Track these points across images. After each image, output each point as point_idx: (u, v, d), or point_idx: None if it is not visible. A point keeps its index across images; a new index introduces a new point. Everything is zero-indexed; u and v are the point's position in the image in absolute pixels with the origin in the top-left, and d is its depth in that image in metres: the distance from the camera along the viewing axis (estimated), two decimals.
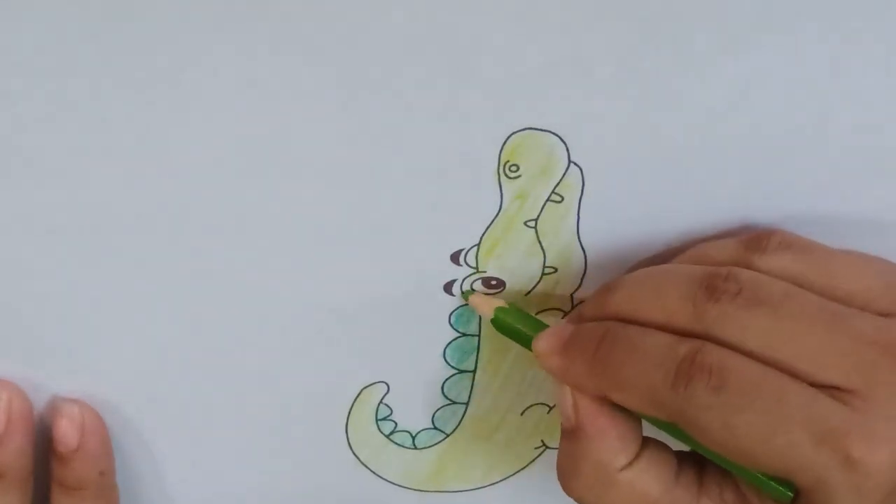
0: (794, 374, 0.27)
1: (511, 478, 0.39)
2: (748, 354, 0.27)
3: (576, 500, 0.30)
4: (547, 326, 0.32)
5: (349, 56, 0.29)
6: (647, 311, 0.29)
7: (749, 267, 0.29)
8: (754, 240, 0.30)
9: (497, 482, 0.39)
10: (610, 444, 0.29)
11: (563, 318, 0.35)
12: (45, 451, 0.34)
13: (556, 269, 0.34)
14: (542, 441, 0.38)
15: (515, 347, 0.36)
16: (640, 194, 0.32)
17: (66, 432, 0.33)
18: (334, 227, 0.32)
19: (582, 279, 0.34)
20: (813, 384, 0.27)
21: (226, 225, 0.31)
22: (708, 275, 0.29)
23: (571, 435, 0.30)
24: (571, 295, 0.35)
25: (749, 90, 0.31)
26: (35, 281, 0.32)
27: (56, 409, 0.34)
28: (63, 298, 0.32)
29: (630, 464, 0.30)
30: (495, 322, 0.33)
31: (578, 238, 0.33)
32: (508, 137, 0.31)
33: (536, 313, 0.35)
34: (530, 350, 0.32)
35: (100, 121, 0.29)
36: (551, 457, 0.38)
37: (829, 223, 0.33)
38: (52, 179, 0.30)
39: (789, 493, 0.27)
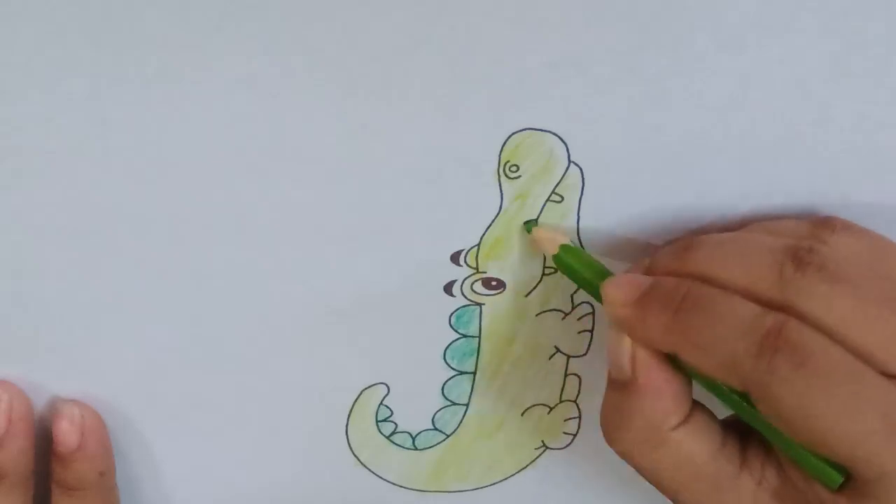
0: (869, 360, 0.27)
1: (511, 478, 0.39)
2: (828, 330, 0.27)
3: (620, 453, 0.30)
4: (611, 273, 0.31)
5: (349, 56, 0.29)
6: (730, 273, 0.28)
7: (823, 244, 0.29)
8: (822, 221, 0.30)
9: (497, 482, 0.39)
10: (665, 402, 0.29)
11: (563, 318, 0.35)
12: (45, 451, 0.34)
13: (556, 270, 0.34)
14: (543, 441, 0.38)
15: (515, 348, 0.36)
16: (640, 194, 0.32)
17: (67, 433, 0.33)
18: (334, 228, 0.32)
19: None
20: (885, 373, 0.27)
21: (226, 225, 0.32)
22: (794, 245, 0.28)
23: (623, 388, 0.30)
24: (571, 295, 0.35)
25: (748, 90, 0.31)
26: (35, 281, 0.32)
27: (56, 409, 0.34)
28: (63, 298, 0.32)
29: (680, 425, 0.29)
30: (557, 260, 0.32)
31: (578, 238, 0.33)
32: (508, 137, 0.31)
33: (537, 314, 0.35)
34: (593, 294, 0.31)
35: (100, 121, 0.29)
36: (551, 457, 0.38)
37: None
38: (52, 179, 0.30)
39: (839, 479, 0.27)
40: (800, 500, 0.28)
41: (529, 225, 0.33)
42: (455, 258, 0.33)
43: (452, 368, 0.36)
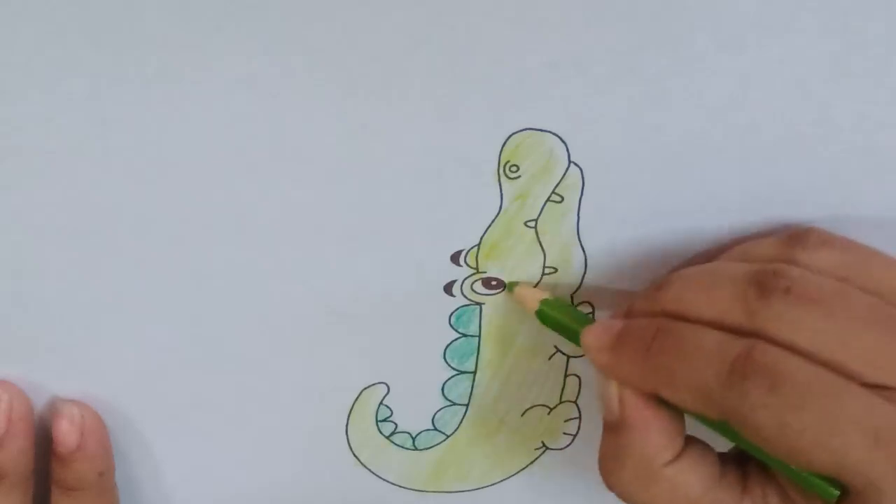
0: (847, 375, 0.27)
1: (511, 478, 0.39)
2: (801, 353, 0.27)
3: (617, 494, 0.30)
4: (591, 320, 0.32)
5: (349, 56, 0.29)
6: (698, 308, 0.29)
7: (793, 263, 0.29)
8: (794, 237, 0.30)
9: (497, 483, 0.39)
10: (655, 438, 0.29)
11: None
12: (45, 451, 0.34)
13: (556, 270, 0.34)
14: (543, 442, 0.38)
15: (515, 348, 0.36)
16: (640, 194, 0.32)
17: (66, 433, 0.33)
18: (334, 228, 0.32)
19: (582, 279, 0.34)
20: (865, 385, 0.27)
21: (226, 225, 0.32)
22: (758, 272, 0.28)
23: (615, 429, 0.30)
24: (571, 295, 0.35)
25: (748, 90, 0.31)
26: (35, 281, 0.32)
27: (56, 409, 0.34)
28: (63, 298, 0.32)
29: (674, 460, 0.29)
30: (539, 315, 0.33)
31: (578, 238, 0.33)
32: (508, 138, 0.31)
33: None
34: (576, 343, 0.32)
35: (100, 121, 0.29)
36: (551, 457, 0.38)
37: (830, 222, 0.33)
38: (52, 179, 0.30)
39: (836, 493, 0.27)
40: None
41: (512, 285, 0.34)
42: (455, 258, 0.33)
43: (452, 368, 0.36)
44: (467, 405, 0.37)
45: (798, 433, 0.26)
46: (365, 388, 0.36)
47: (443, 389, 0.36)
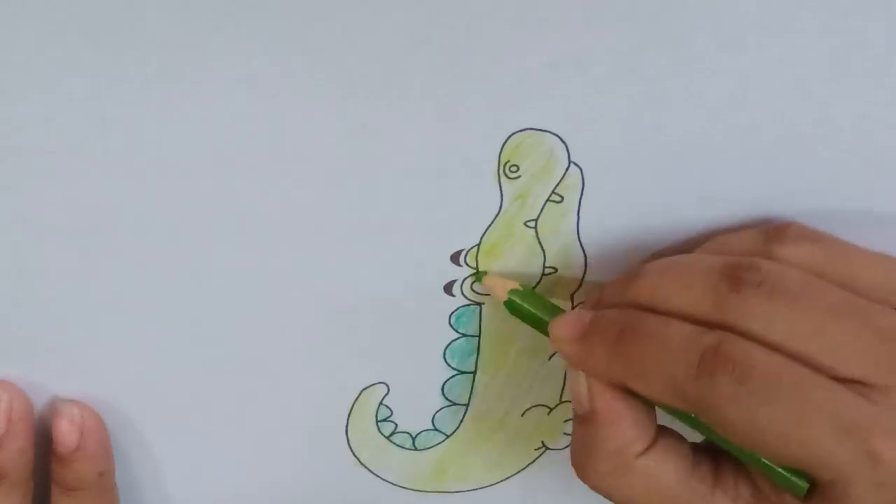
0: (816, 368, 0.27)
1: (511, 478, 0.39)
2: (771, 346, 0.27)
3: (591, 486, 0.30)
4: (562, 311, 0.32)
5: (349, 56, 0.29)
6: (668, 300, 0.29)
7: (769, 257, 0.29)
8: (772, 231, 0.30)
9: (497, 483, 0.39)
10: (626, 430, 0.29)
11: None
12: (45, 451, 0.34)
13: (556, 270, 0.34)
14: (543, 442, 0.38)
15: (516, 348, 0.36)
16: (640, 194, 0.32)
17: (66, 433, 0.33)
18: (334, 228, 0.32)
19: (582, 279, 0.34)
20: (835, 378, 0.27)
21: (226, 225, 0.32)
22: (730, 265, 0.28)
23: (585, 421, 0.30)
24: (571, 295, 0.35)
25: (748, 90, 0.31)
26: (35, 281, 0.32)
27: (56, 409, 0.33)
28: (63, 298, 0.32)
29: (645, 451, 0.29)
30: (508, 305, 0.33)
31: (578, 238, 0.33)
32: (508, 138, 0.31)
33: None
34: (545, 334, 0.31)
35: (100, 121, 0.29)
36: (551, 457, 0.38)
37: (829, 221, 0.33)
38: (52, 179, 0.30)
39: (805, 486, 0.27)
40: None
41: (480, 275, 0.33)
42: (455, 258, 0.33)
43: (452, 368, 0.36)
44: (467, 405, 0.37)
45: (766, 426, 0.26)
46: (365, 389, 0.36)
47: (443, 389, 0.36)
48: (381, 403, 0.36)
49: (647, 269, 0.30)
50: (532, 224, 0.33)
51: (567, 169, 0.32)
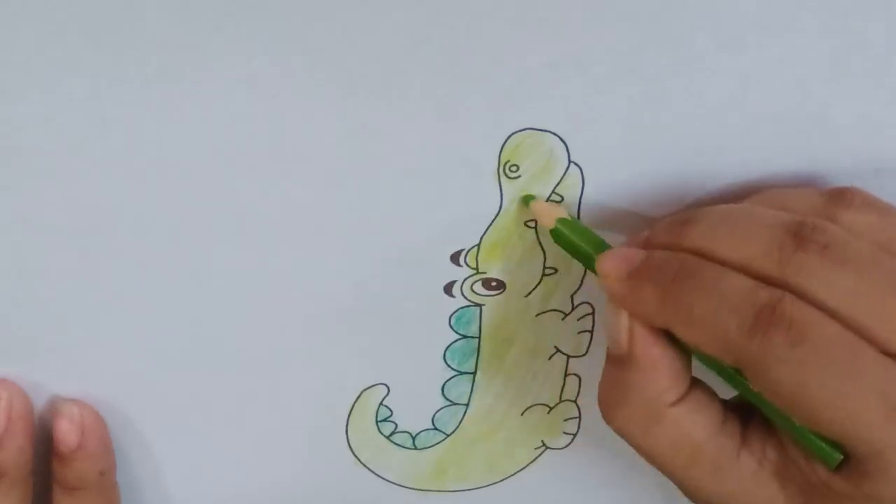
0: (870, 340, 0.26)
1: (511, 478, 0.39)
2: (828, 311, 0.26)
3: (617, 430, 0.30)
4: (609, 247, 0.31)
5: (349, 56, 0.29)
6: (726, 249, 0.28)
7: (833, 221, 0.29)
8: (837, 194, 0.30)
9: (497, 482, 0.39)
10: (661, 378, 0.29)
11: (563, 318, 0.35)
12: (45, 451, 0.34)
13: (556, 270, 0.34)
14: (543, 441, 0.38)
15: (515, 348, 0.36)
16: (640, 194, 0.32)
17: (67, 432, 0.33)
18: (334, 228, 0.32)
19: (582, 279, 0.34)
20: (886, 353, 0.26)
21: (226, 225, 0.32)
22: (796, 222, 0.28)
23: (619, 363, 0.29)
24: (571, 295, 0.35)
25: (748, 90, 0.31)
26: (35, 281, 0.32)
27: (56, 409, 0.34)
28: (63, 298, 0.32)
29: (678, 401, 0.29)
30: (554, 234, 0.32)
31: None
32: (508, 137, 0.31)
33: (537, 315, 0.35)
34: (589, 268, 0.31)
35: (100, 121, 0.29)
36: (551, 457, 0.38)
37: None
38: (52, 179, 0.30)
39: (838, 457, 0.27)
40: (801, 479, 0.28)
41: (528, 198, 0.32)
42: (455, 258, 0.33)
43: (452, 369, 0.36)
44: (467, 405, 0.37)
45: (813, 392, 0.26)
46: (365, 389, 0.36)
47: (443, 389, 0.36)
48: (381, 404, 0.36)
49: (702, 215, 0.29)
50: (532, 224, 0.33)
51: (567, 169, 0.32)
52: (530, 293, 0.34)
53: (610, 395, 0.30)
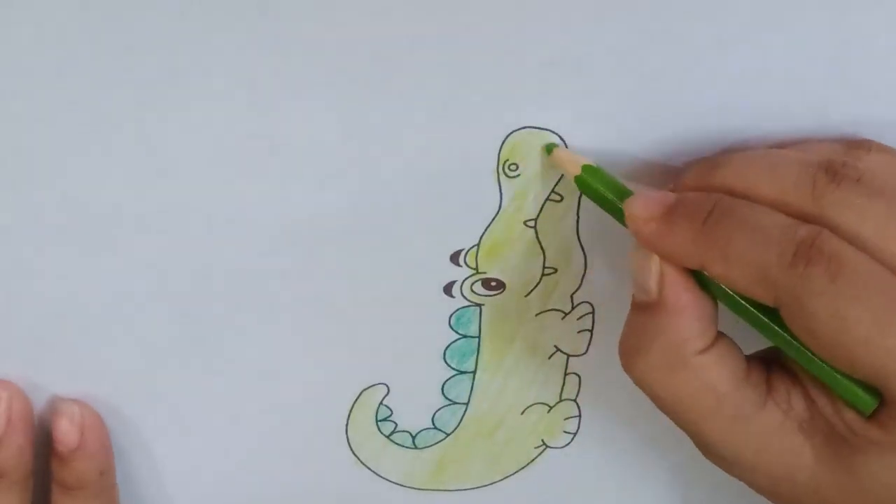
0: None
1: (511, 477, 0.39)
2: (863, 243, 0.26)
3: (636, 379, 0.29)
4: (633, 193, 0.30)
5: (349, 55, 0.29)
6: (760, 188, 0.28)
7: (858, 160, 0.29)
8: (855, 142, 0.30)
9: (497, 482, 0.39)
10: (689, 323, 0.28)
11: (563, 318, 0.35)
12: (45, 450, 0.34)
13: (555, 270, 0.34)
14: (543, 441, 0.38)
15: (515, 348, 0.36)
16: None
17: (66, 432, 0.33)
18: (333, 228, 0.32)
19: (582, 279, 0.34)
20: None
21: (226, 225, 0.32)
22: (827, 159, 0.28)
23: (647, 309, 0.29)
24: (571, 295, 0.35)
25: (749, 87, 0.31)
26: (35, 281, 0.32)
27: (56, 408, 0.33)
28: (63, 298, 0.32)
29: (704, 350, 0.28)
30: (579, 181, 0.31)
31: (578, 238, 0.33)
32: (507, 136, 0.31)
33: (536, 314, 0.35)
34: (616, 217, 0.30)
35: (100, 121, 0.29)
36: (551, 456, 0.38)
37: None
38: (53, 179, 0.30)
39: (873, 402, 0.27)
40: (828, 430, 0.28)
41: (550, 146, 0.31)
42: (455, 258, 0.33)
43: (452, 369, 0.36)
44: (467, 404, 0.37)
45: (851, 328, 0.26)
46: (365, 389, 0.36)
47: (443, 389, 0.36)
48: (381, 403, 0.36)
49: (732, 157, 0.29)
50: (532, 223, 0.33)
51: None
52: (530, 293, 0.34)
53: (632, 343, 0.29)
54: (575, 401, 0.37)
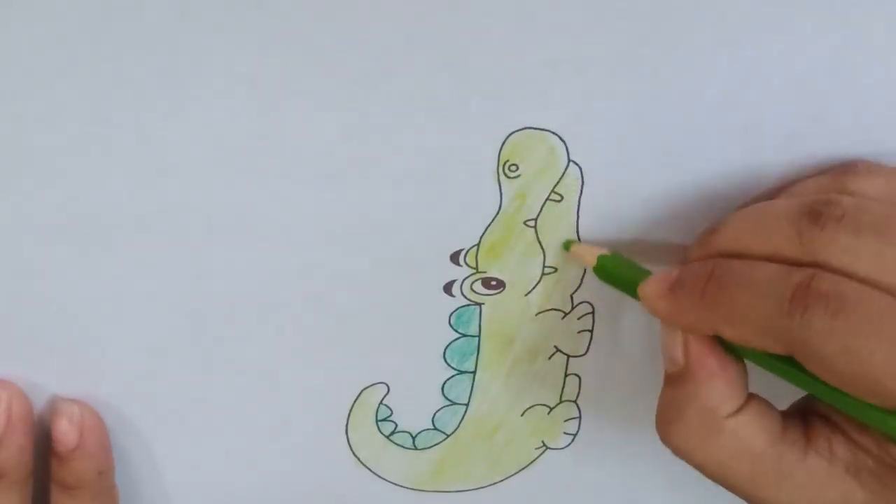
0: None
1: (511, 478, 0.39)
2: (858, 276, 0.26)
3: (674, 448, 0.30)
4: (650, 272, 0.31)
5: (349, 55, 0.29)
6: (752, 245, 0.29)
7: (844, 192, 0.29)
8: (841, 168, 0.30)
9: (497, 482, 0.39)
10: (718, 388, 0.29)
11: (563, 318, 0.35)
12: (44, 450, 0.34)
13: (556, 269, 0.34)
14: (543, 441, 0.38)
15: (515, 348, 0.36)
16: (640, 194, 0.32)
17: (66, 432, 0.33)
18: (333, 227, 0.32)
19: (582, 279, 0.34)
20: None
21: (225, 225, 0.32)
22: (808, 202, 0.28)
23: (677, 380, 0.30)
24: (571, 295, 0.35)
25: (748, 88, 0.31)
26: (35, 281, 0.32)
27: (55, 408, 0.34)
28: (63, 298, 0.32)
29: (736, 412, 0.29)
30: (598, 270, 0.32)
31: (578, 238, 0.33)
32: (508, 137, 0.31)
33: (536, 314, 0.35)
34: (635, 297, 0.31)
35: (100, 121, 0.29)
36: (551, 457, 0.38)
37: None
38: (52, 179, 0.30)
39: None
40: (874, 466, 0.28)
41: (568, 243, 0.33)
42: (455, 258, 0.33)
43: (452, 368, 0.36)
44: (467, 404, 0.37)
45: (866, 359, 0.26)
46: (365, 388, 0.36)
47: (443, 389, 0.36)
48: (381, 403, 0.36)
49: (726, 220, 0.30)
50: (532, 223, 0.33)
51: (566, 168, 0.32)
52: (530, 292, 0.35)
53: (667, 414, 0.30)
54: (575, 402, 0.37)
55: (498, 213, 0.32)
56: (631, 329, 0.36)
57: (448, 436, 0.37)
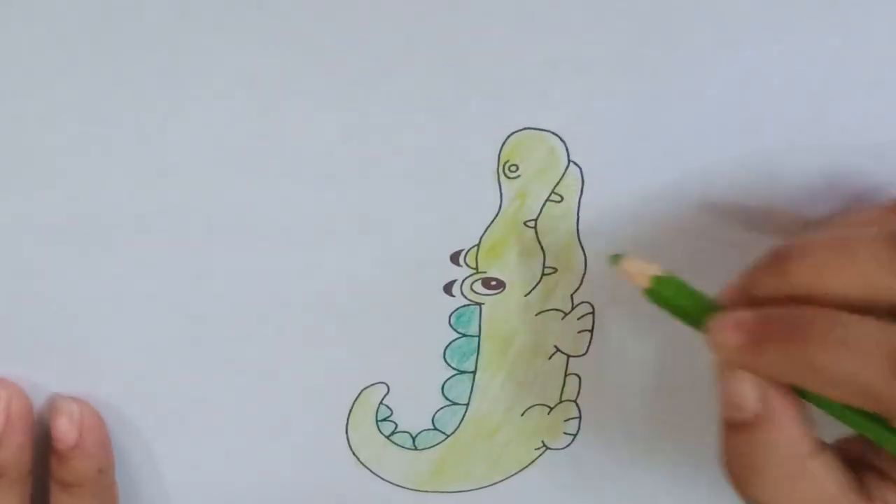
0: None
1: (511, 478, 0.39)
2: None
3: (757, 500, 0.28)
4: (707, 300, 0.29)
5: (348, 55, 0.29)
6: (839, 283, 0.26)
7: None
8: None
9: (497, 482, 0.39)
10: (799, 429, 0.27)
11: (563, 318, 0.35)
12: (44, 449, 0.34)
13: (555, 270, 0.34)
14: (543, 442, 0.38)
15: (516, 348, 0.36)
16: (639, 194, 0.32)
17: (65, 430, 0.33)
18: (333, 227, 0.32)
19: (582, 279, 0.34)
20: None
21: (225, 224, 0.32)
22: (893, 232, 0.26)
23: (748, 427, 0.28)
24: (571, 295, 0.35)
25: (748, 88, 0.31)
26: (35, 281, 0.32)
27: (55, 406, 0.34)
28: (63, 298, 0.32)
29: (815, 453, 0.28)
30: (649, 294, 0.30)
31: (578, 238, 0.33)
32: (508, 137, 0.31)
33: (537, 314, 0.35)
34: (692, 326, 0.29)
35: (100, 121, 0.29)
36: (551, 457, 0.38)
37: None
38: (52, 179, 0.30)
39: None
40: None
41: (616, 258, 0.30)
42: (455, 258, 0.33)
43: (452, 368, 0.36)
44: (467, 405, 0.37)
45: None
46: (365, 388, 0.36)
47: (443, 389, 0.36)
48: (381, 403, 0.36)
49: (804, 247, 0.27)
50: (532, 224, 0.33)
51: (566, 168, 0.32)
52: (530, 292, 0.35)
53: (742, 465, 0.28)
54: (575, 402, 0.37)
55: (498, 213, 0.32)
56: (631, 329, 0.36)
57: (448, 436, 0.37)
